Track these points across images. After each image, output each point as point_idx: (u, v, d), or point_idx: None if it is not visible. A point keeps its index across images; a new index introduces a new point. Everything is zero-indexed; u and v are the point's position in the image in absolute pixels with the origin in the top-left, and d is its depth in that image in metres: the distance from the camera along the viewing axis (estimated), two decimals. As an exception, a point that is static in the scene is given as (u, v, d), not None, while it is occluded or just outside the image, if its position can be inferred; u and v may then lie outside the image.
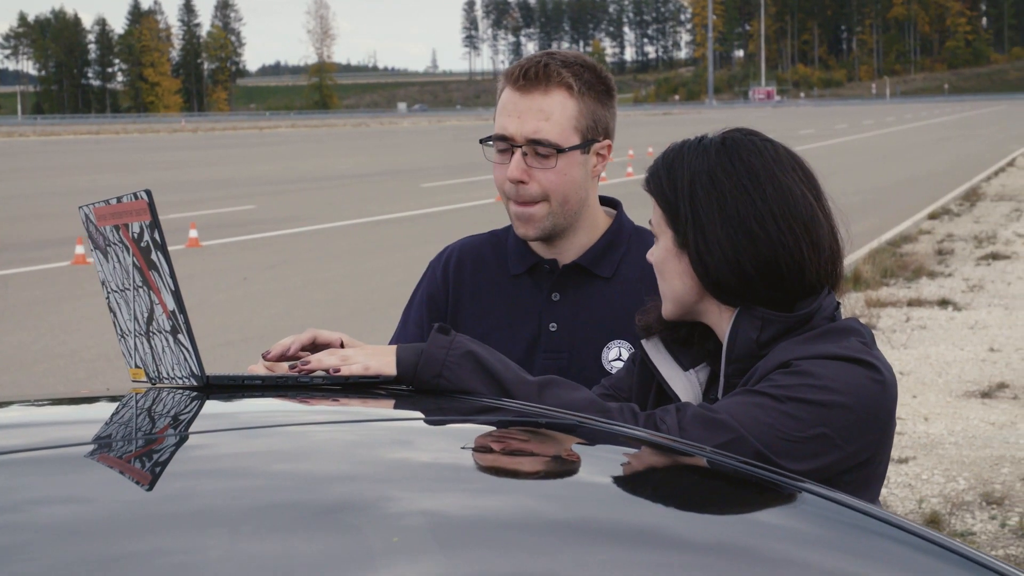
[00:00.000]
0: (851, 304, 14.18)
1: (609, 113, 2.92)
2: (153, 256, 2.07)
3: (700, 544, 1.61)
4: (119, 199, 2.13)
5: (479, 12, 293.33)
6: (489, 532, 1.56)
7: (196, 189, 34.47)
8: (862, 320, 12.75)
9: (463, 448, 1.91)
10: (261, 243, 21.28)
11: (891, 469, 8.00)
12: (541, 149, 2.81)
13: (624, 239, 2.97)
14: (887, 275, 16.10)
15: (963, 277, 16.23)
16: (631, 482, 1.85)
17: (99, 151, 64.58)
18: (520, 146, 2.82)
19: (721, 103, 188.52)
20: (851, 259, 17.56)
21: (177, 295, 2.05)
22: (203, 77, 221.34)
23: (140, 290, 2.13)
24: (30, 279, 16.84)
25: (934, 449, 8.52)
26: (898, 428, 8.95)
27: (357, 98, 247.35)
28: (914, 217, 23.84)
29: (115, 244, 2.15)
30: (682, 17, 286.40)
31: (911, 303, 14.25)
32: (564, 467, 1.88)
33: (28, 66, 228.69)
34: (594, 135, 2.88)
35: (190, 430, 1.95)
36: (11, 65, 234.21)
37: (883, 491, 7.54)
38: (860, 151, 49.32)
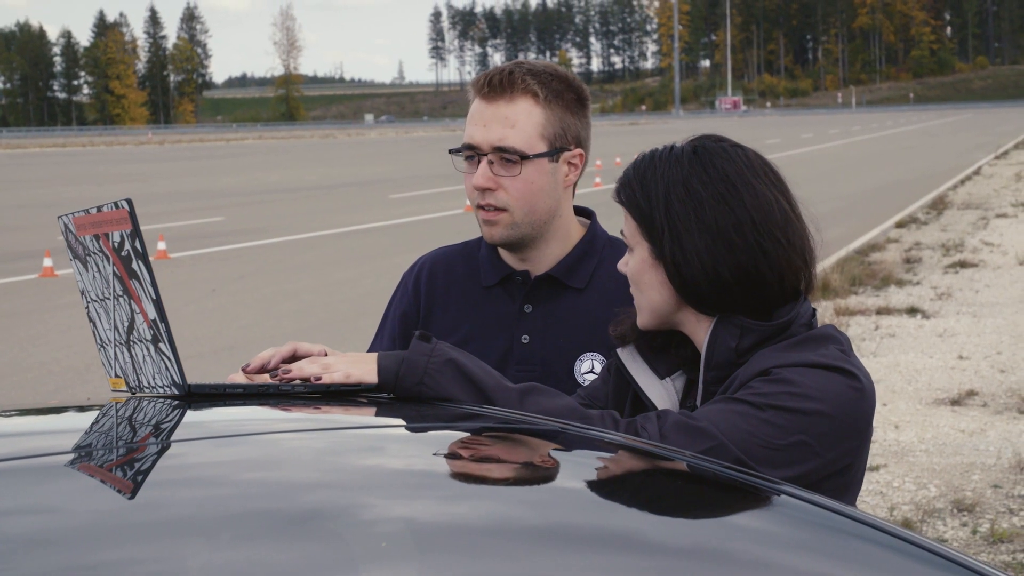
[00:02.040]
0: (820, 313, 14.18)
1: (581, 122, 2.89)
2: (134, 265, 2.06)
3: (680, 548, 1.62)
4: (99, 208, 2.11)
5: (445, 23, 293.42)
6: (468, 539, 1.56)
7: (164, 201, 34.34)
8: (831, 328, 12.87)
9: (442, 455, 1.90)
10: (230, 255, 21.22)
11: (862, 476, 8.02)
12: (506, 156, 2.79)
13: (598, 249, 2.94)
14: (856, 283, 16.15)
15: (931, 285, 16.29)
16: (611, 488, 1.85)
17: (66, 164, 64.32)
18: (486, 154, 2.81)
19: (688, 113, 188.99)
20: (819, 268, 17.56)
21: (158, 304, 2.04)
22: (169, 89, 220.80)
23: (120, 299, 2.11)
24: (-4, 292, 16.76)
25: (905, 457, 8.54)
26: (868, 436, 8.97)
27: (324, 109, 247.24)
28: (882, 226, 23.92)
29: (95, 254, 2.14)
30: (648, 27, 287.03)
31: (880, 311, 14.29)
32: (545, 473, 1.88)
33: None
34: (563, 143, 2.85)
35: (171, 439, 1.94)
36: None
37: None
38: (826, 160, 49.48)
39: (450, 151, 2.92)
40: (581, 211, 3.02)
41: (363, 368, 2.23)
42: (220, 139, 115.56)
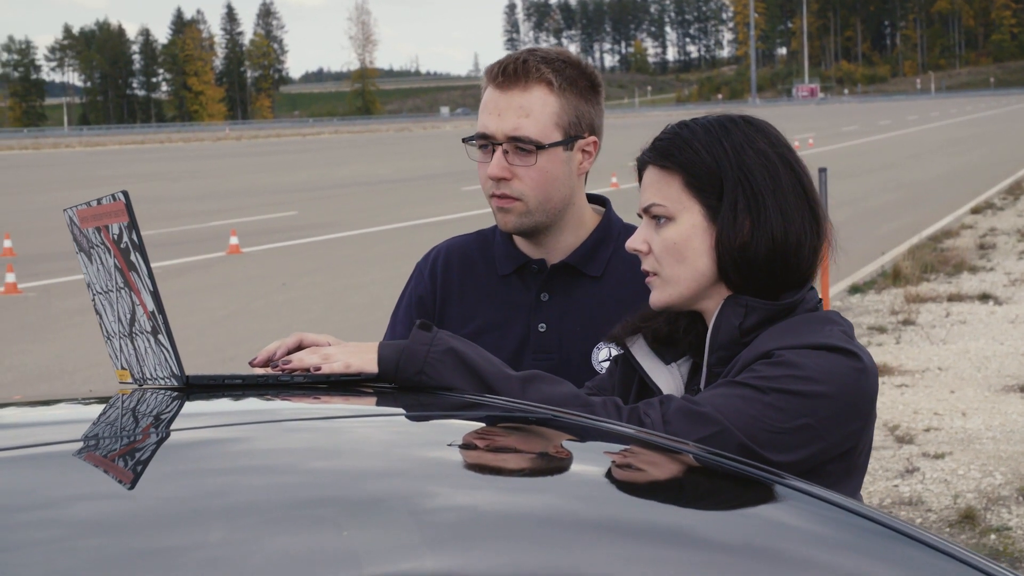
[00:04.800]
0: (891, 300, 14.13)
1: (594, 109, 2.87)
2: (132, 257, 2.07)
3: (712, 543, 1.62)
4: (99, 201, 2.13)
5: (520, 15, 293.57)
6: (491, 529, 1.56)
7: (238, 196, 34.65)
8: (901, 316, 12.72)
9: (452, 445, 1.90)
10: (301, 249, 21.35)
11: (927, 464, 7.96)
12: (521, 146, 2.78)
13: (614, 237, 2.91)
14: (927, 270, 16.02)
15: (1005, 271, 16.12)
16: (628, 479, 1.84)
17: (143, 161, 64.97)
18: (500, 143, 2.79)
19: (764, 101, 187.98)
20: (891, 255, 17.49)
21: (156, 296, 2.05)
22: (247, 85, 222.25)
23: (122, 291, 2.13)
24: (69, 289, 16.92)
25: (971, 444, 8.46)
26: (935, 423, 8.90)
27: (400, 103, 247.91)
28: (956, 212, 23.70)
29: (98, 246, 2.15)
30: (724, 16, 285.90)
31: (951, 298, 14.17)
32: (550, 463, 1.88)
33: (74, 77, 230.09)
34: (577, 131, 2.83)
35: (169, 429, 1.95)
36: (57, 77, 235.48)
37: (919, 486, 7.50)
38: (903, 146, 49.08)
39: (464, 140, 2.91)
40: (596, 199, 3.00)
41: (363, 358, 2.22)
42: (296, 134, 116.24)
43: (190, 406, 2.01)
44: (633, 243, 2.39)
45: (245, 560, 1.42)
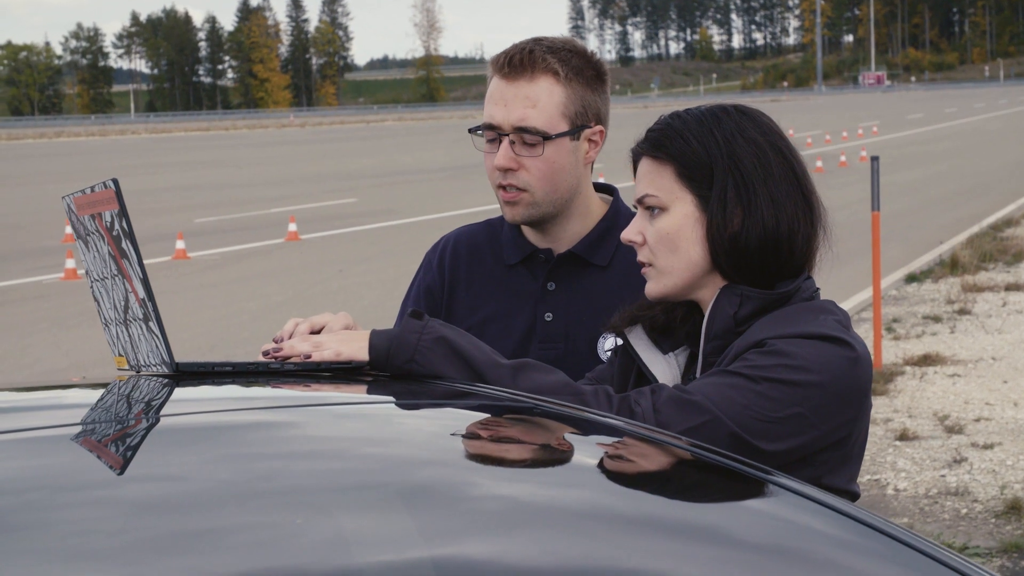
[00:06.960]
0: (947, 289, 14.02)
1: (600, 98, 2.86)
2: (123, 244, 2.09)
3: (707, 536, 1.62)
4: (92, 188, 2.15)
5: (585, 2, 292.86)
6: (485, 520, 1.57)
7: (299, 183, 34.82)
8: (957, 305, 12.61)
9: (455, 434, 1.91)
10: (359, 236, 21.44)
11: (975, 455, 7.90)
12: (528, 137, 2.77)
13: (620, 226, 2.84)
14: (986, 259, 15.88)
15: (1066, 261, 15.97)
16: (614, 469, 1.85)
17: (208, 147, 65.37)
18: (507, 134, 2.79)
19: (830, 89, 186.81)
20: (950, 243, 17.35)
21: (146, 283, 2.07)
22: (312, 72, 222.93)
23: (116, 278, 2.15)
24: (130, 274, 17.07)
25: (1021, 434, 8.39)
26: (986, 413, 8.82)
27: (464, 90, 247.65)
28: (1019, 200, 23.48)
29: (93, 233, 2.18)
30: (790, 3, 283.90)
31: (1009, 288, 14.05)
32: (539, 454, 1.88)
33: (141, 65, 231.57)
34: (584, 121, 2.83)
35: (160, 415, 1.97)
36: (124, 64, 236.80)
37: (966, 476, 7.44)
38: (969, 135, 48.65)
39: (470, 130, 2.92)
40: (603, 188, 3.00)
41: (354, 346, 2.23)
42: (360, 121, 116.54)
43: (179, 392, 2.03)
44: (628, 234, 2.40)
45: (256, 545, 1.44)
